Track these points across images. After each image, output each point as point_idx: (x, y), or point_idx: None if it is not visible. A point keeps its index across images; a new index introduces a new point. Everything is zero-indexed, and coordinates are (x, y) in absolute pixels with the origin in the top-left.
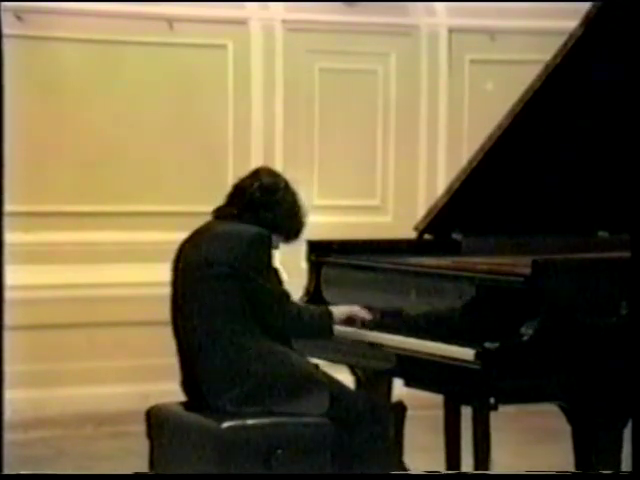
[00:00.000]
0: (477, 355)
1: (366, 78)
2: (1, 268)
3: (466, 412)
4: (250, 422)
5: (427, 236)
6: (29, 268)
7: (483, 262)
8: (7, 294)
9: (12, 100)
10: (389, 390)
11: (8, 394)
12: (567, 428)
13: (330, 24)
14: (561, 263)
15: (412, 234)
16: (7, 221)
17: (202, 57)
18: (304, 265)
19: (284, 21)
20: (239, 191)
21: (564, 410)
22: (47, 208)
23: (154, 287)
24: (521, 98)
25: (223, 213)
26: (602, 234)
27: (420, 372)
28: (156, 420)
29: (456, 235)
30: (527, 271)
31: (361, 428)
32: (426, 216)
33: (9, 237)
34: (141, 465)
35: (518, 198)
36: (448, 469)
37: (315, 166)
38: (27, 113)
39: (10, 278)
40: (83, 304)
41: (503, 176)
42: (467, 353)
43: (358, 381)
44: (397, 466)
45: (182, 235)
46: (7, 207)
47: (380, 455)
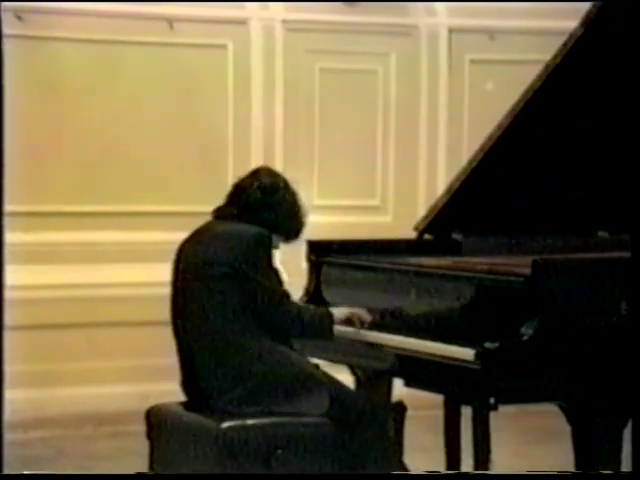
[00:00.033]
0: (477, 355)
1: (366, 78)
2: (1, 268)
3: (466, 412)
4: (250, 422)
5: (427, 236)
6: (29, 268)
7: (483, 262)
8: (7, 294)
9: (12, 100)
10: (389, 390)
11: (8, 394)
12: (567, 428)
13: (330, 24)
14: (561, 263)
15: (412, 234)
16: (7, 221)
17: (202, 57)
18: (304, 265)
19: (284, 21)
20: (239, 191)
21: (564, 410)
22: (47, 208)
23: (154, 287)
24: (521, 98)
25: (223, 213)
26: (602, 234)
27: (420, 372)
28: (156, 420)
29: (456, 235)
30: (527, 271)
31: (361, 428)
32: (426, 216)
33: (9, 237)
34: (141, 465)
35: (518, 198)
36: (448, 469)
37: (315, 166)
38: (27, 113)
39: (10, 278)
40: (83, 304)
41: (503, 176)
42: (467, 353)
43: (358, 381)
44: (397, 466)
45: (182, 235)
46: (7, 207)
47: (380, 455)
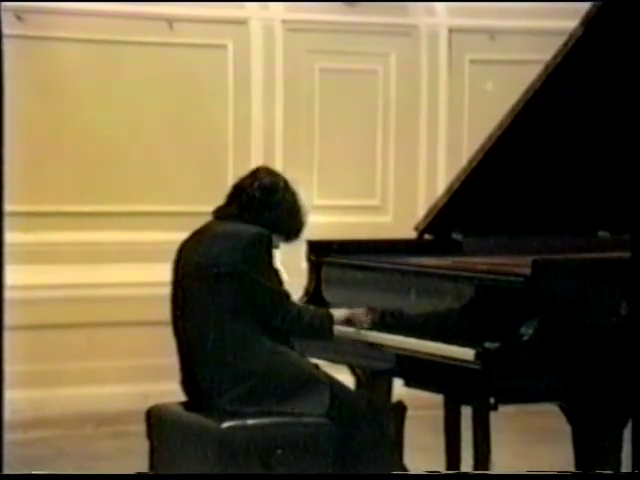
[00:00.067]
0: (477, 355)
1: (366, 78)
2: (1, 268)
3: (466, 412)
4: (250, 422)
5: (427, 236)
6: (29, 268)
7: (483, 262)
8: (7, 294)
9: (12, 100)
10: (389, 390)
11: (8, 394)
12: (567, 428)
13: (330, 24)
14: (561, 263)
15: (412, 234)
16: (7, 221)
17: (202, 57)
18: (304, 265)
19: (284, 21)
20: (239, 191)
21: (564, 410)
22: (47, 208)
23: (154, 287)
24: (521, 98)
25: (223, 213)
26: (602, 234)
27: (420, 372)
28: (156, 420)
29: (456, 235)
30: (527, 271)
31: (361, 428)
32: (426, 216)
33: (9, 237)
34: (141, 465)
35: (518, 198)
36: (448, 469)
37: (315, 166)
38: (27, 113)
39: (10, 278)
40: (83, 304)
41: (503, 176)
42: (467, 353)
43: (358, 381)
44: (397, 466)
45: (182, 235)
46: (7, 207)
47: (380, 455)
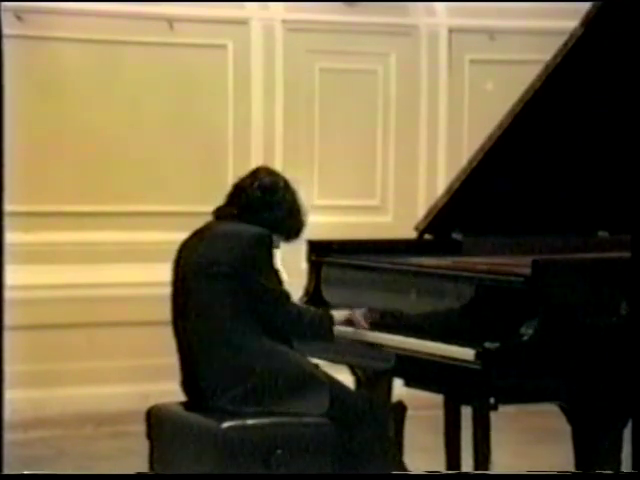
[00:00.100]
0: (477, 355)
1: (366, 78)
2: (1, 268)
3: (466, 412)
4: (250, 422)
5: (427, 236)
6: (29, 268)
7: (483, 262)
8: (7, 294)
9: (12, 100)
10: (389, 390)
11: (8, 394)
12: (567, 428)
13: (330, 24)
14: (561, 263)
15: (412, 234)
16: (7, 221)
17: (202, 57)
18: (304, 265)
19: (284, 21)
20: (239, 191)
21: (564, 410)
22: (47, 208)
23: (154, 287)
24: (521, 98)
25: (223, 213)
26: (602, 234)
27: (420, 372)
28: (156, 420)
29: (456, 235)
30: (527, 271)
31: (361, 428)
32: (426, 216)
33: (9, 237)
34: (141, 465)
35: (518, 198)
36: (448, 469)
37: (315, 166)
38: (27, 113)
39: (10, 278)
40: (83, 304)
41: (503, 176)
42: (467, 353)
43: (358, 381)
44: (397, 466)
45: (182, 235)
46: (7, 207)
47: (380, 455)
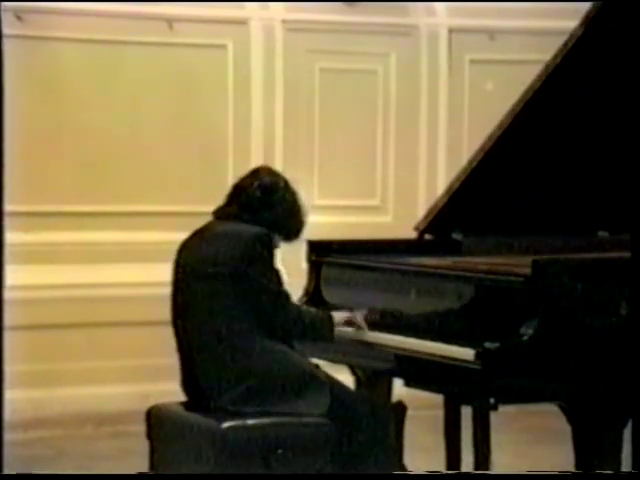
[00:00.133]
0: (477, 355)
1: (366, 78)
2: (1, 268)
3: (466, 412)
4: (250, 422)
5: (427, 236)
6: (29, 268)
7: (483, 262)
8: (7, 294)
9: (12, 100)
10: (389, 390)
11: (8, 394)
12: (567, 428)
13: (330, 24)
14: (561, 263)
15: (412, 234)
16: (7, 221)
17: (202, 57)
18: (304, 265)
19: (284, 21)
20: (239, 191)
21: (564, 410)
22: (47, 208)
23: (154, 287)
24: (521, 98)
25: (223, 213)
26: (602, 234)
27: (420, 372)
28: (156, 420)
29: (456, 235)
30: (527, 271)
31: (361, 428)
32: (426, 216)
33: (9, 237)
34: (141, 465)
35: (518, 198)
36: (448, 469)
37: (315, 166)
38: (27, 113)
39: (10, 278)
40: (83, 304)
41: (503, 176)
42: (467, 353)
43: (358, 381)
44: (397, 466)
45: (182, 235)
46: (7, 207)
47: (380, 455)
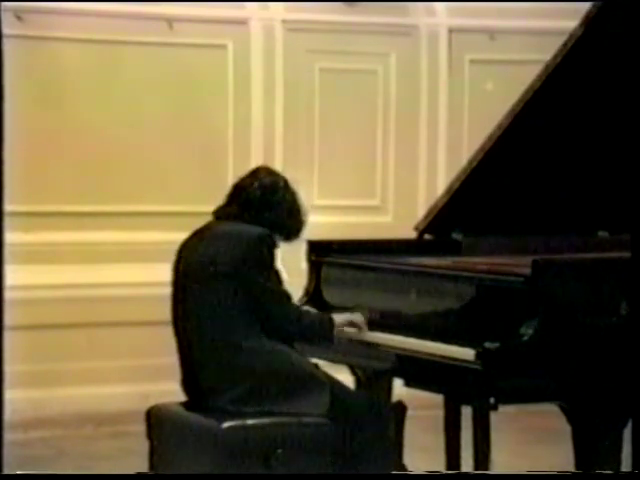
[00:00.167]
0: (477, 355)
1: (366, 78)
2: (1, 268)
3: (466, 412)
4: (250, 422)
5: (427, 236)
6: (29, 268)
7: (483, 262)
8: (7, 294)
9: (12, 100)
10: (389, 390)
11: (8, 394)
12: (567, 428)
13: (330, 24)
14: (561, 263)
15: (412, 234)
16: (7, 221)
17: (202, 57)
18: (304, 265)
19: (284, 21)
20: (239, 191)
21: (564, 410)
22: (47, 208)
23: (154, 287)
24: (521, 98)
25: (223, 213)
26: (602, 234)
27: (420, 372)
28: (156, 420)
29: (456, 235)
30: (527, 271)
31: (361, 428)
32: (426, 216)
33: (9, 237)
34: (141, 465)
35: (518, 198)
36: (448, 469)
37: (315, 166)
38: (27, 113)
39: (10, 278)
40: (83, 304)
41: (503, 176)
42: (467, 353)
43: (358, 381)
44: (397, 466)
45: (182, 235)
46: (7, 207)
47: (380, 455)
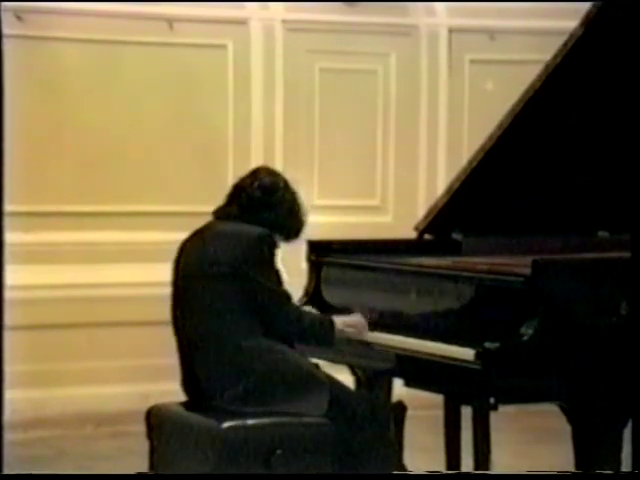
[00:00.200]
0: (477, 355)
1: (366, 78)
2: (1, 268)
3: (466, 412)
4: (250, 422)
5: (427, 236)
6: (29, 268)
7: (483, 262)
8: (7, 294)
9: (12, 100)
10: (389, 390)
11: (8, 394)
12: (567, 428)
13: (330, 24)
14: (561, 263)
15: (412, 234)
16: (7, 221)
17: (202, 57)
18: (304, 265)
19: (284, 21)
20: (239, 191)
21: (564, 410)
22: (47, 208)
23: (154, 287)
24: (521, 98)
25: (223, 213)
26: (602, 234)
27: (420, 372)
28: (156, 420)
29: (456, 235)
30: (527, 271)
31: (361, 428)
32: (426, 216)
33: (9, 237)
34: (141, 465)
35: (518, 198)
36: (448, 469)
37: (315, 166)
38: (27, 113)
39: (10, 278)
40: (83, 304)
41: (503, 176)
42: (467, 353)
43: (358, 381)
44: (397, 466)
45: (182, 235)
46: (7, 207)
47: (380, 455)
